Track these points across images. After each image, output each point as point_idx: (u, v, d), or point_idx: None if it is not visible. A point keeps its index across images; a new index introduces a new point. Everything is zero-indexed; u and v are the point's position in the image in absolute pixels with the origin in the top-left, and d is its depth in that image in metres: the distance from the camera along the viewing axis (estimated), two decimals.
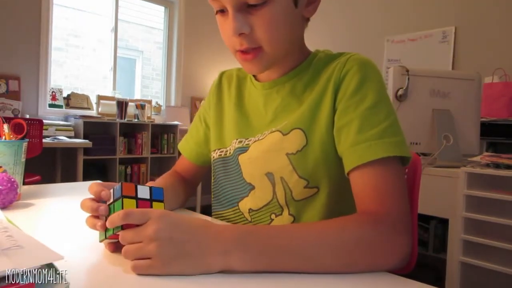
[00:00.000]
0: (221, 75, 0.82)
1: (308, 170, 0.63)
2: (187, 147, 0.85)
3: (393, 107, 0.62)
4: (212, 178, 0.77)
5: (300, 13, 0.64)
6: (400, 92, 1.65)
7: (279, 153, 0.65)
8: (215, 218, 0.75)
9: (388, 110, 0.59)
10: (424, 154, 1.71)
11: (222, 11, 0.62)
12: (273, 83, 0.70)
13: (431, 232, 2.36)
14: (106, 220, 0.48)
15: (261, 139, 0.68)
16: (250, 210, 0.69)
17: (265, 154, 0.67)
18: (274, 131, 0.67)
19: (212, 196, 0.77)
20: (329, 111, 0.62)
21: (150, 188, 0.50)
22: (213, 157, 0.76)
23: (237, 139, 0.72)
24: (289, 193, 0.64)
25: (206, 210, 3.60)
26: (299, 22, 0.65)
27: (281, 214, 0.66)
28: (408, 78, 1.65)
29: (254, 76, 0.75)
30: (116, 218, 0.45)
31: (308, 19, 0.68)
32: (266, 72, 0.71)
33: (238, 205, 0.71)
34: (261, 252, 0.45)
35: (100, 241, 0.49)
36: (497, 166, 1.44)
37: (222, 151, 0.74)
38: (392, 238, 0.49)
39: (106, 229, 0.48)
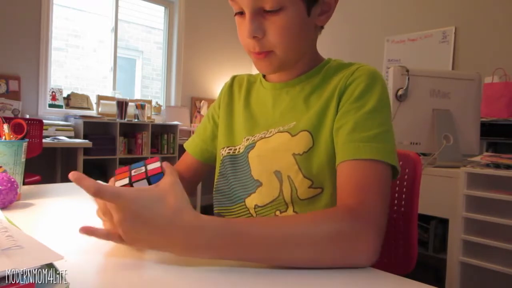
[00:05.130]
0: (233, 78, 0.86)
1: (312, 171, 0.66)
2: (192, 144, 0.87)
3: (390, 119, 0.65)
4: (218, 175, 0.79)
5: (313, 21, 0.67)
6: (400, 92, 1.65)
7: (286, 153, 0.68)
8: (220, 213, 0.77)
9: (384, 120, 0.62)
10: (424, 154, 1.71)
11: (241, 13, 0.65)
12: (284, 84, 0.74)
13: (431, 232, 2.35)
14: None
15: (268, 137, 0.71)
16: (256, 206, 0.70)
17: (273, 153, 0.69)
18: (282, 131, 0.70)
19: (216, 192, 0.79)
20: (333, 116, 0.66)
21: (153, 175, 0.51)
22: (222, 154, 0.78)
23: (245, 138, 0.75)
24: (294, 191, 0.67)
25: (206, 210, 3.60)
26: (311, 30, 0.69)
27: (285, 211, 0.68)
28: (408, 78, 1.65)
29: (264, 78, 0.79)
30: (89, 188, 0.43)
31: (321, 27, 0.71)
32: (277, 74, 0.75)
33: (244, 201, 0.73)
34: (227, 247, 0.46)
35: None
36: (497, 166, 1.44)
37: (231, 149, 0.77)
38: (362, 234, 0.50)
39: None
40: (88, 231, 0.47)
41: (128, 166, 0.54)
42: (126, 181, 0.51)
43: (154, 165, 0.53)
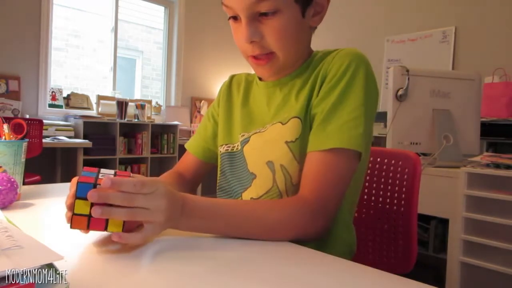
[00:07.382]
0: (232, 78, 0.87)
1: (305, 156, 0.67)
2: (193, 143, 0.88)
3: (368, 100, 0.63)
4: (220, 173, 0.80)
5: (307, 23, 0.68)
6: (400, 92, 1.65)
7: (278, 142, 0.69)
8: None
9: (357, 103, 0.62)
10: (424, 154, 1.71)
11: (235, 17, 0.66)
12: (277, 82, 0.75)
13: (431, 232, 2.35)
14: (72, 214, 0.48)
15: (263, 131, 0.73)
16: (252, 199, 0.71)
17: (265, 144, 0.71)
18: (275, 123, 0.71)
19: (219, 190, 0.80)
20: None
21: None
22: (220, 151, 0.79)
23: (241, 134, 0.76)
24: (288, 179, 0.68)
25: None
26: (306, 31, 0.70)
27: None
28: (408, 78, 1.65)
29: (259, 78, 0.80)
30: (129, 187, 0.47)
31: (314, 28, 0.72)
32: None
33: (242, 196, 0.74)
34: (202, 218, 0.55)
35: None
36: (497, 166, 1.44)
37: (229, 146, 0.78)
38: (312, 221, 0.59)
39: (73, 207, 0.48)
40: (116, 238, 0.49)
41: (97, 168, 0.52)
42: (91, 180, 0.48)
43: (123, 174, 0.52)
